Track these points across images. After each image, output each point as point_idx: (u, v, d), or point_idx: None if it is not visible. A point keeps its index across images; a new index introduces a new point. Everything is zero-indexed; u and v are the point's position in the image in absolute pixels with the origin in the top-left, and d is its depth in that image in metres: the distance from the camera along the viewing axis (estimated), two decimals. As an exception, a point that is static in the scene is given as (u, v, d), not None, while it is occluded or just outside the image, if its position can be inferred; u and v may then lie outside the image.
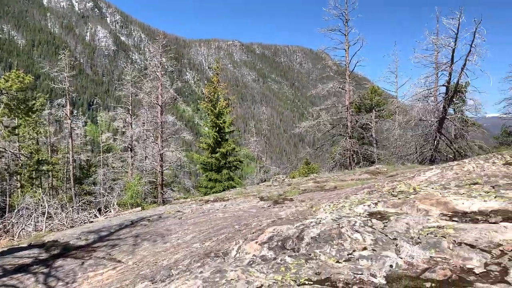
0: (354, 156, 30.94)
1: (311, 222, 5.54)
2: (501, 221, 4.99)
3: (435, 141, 21.16)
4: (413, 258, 4.08)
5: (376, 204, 6.10)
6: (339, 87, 31.55)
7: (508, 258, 3.87)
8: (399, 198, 6.23)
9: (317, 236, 4.89)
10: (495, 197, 5.84)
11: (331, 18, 29.59)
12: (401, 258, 4.08)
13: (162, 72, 33.37)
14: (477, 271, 3.70)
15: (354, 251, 4.41)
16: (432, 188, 6.67)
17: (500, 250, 4.08)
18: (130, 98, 39.35)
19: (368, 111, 37.14)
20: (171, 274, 5.33)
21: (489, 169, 7.62)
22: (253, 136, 56.21)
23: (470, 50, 17.10)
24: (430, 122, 20.73)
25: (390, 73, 38.74)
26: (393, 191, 6.77)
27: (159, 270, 5.96)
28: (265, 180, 37.52)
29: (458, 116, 22.46)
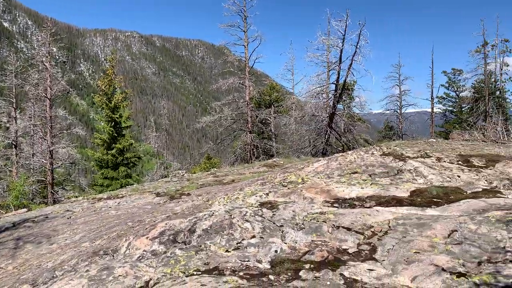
0: (255, 150, 31.82)
1: (205, 215, 5.57)
2: (374, 206, 5.56)
3: (326, 135, 22.79)
4: (296, 242, 4.35)
5: (267, 194, 6.36)
6: (239, 83, 32.11)
7: (378, 238, 4.33)
8: (288, 188, 6.58)
9: (209, 228, 4.94)
10: (371, 184, 6.50)
11: (231, 14, 29.93)
12: (286, 244, 4.32)
13: (51, 63, 30.47)
14: (350, 251, 4.08)
15: (243, 239, 4.54)
16: (318, 178, 7.18)
17: (372, 231, 4.54)
18: (14, 90, 35.30)
19: (268, 106, 38.41)
20: (55, 275, 4.92)
21: (368, 160, 8.45)
22: (153, 131, 54.56)
23: (355, 51, 18.79)
24: (322, 117, 22.28)
25: (287, 71, 40.60)
26: (283, 182, 7.12)
27: (42, 272, 5.47)
28: (165, 176, 36.67)
29: (346, 112, 24.50)
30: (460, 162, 8.36)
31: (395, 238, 4.29)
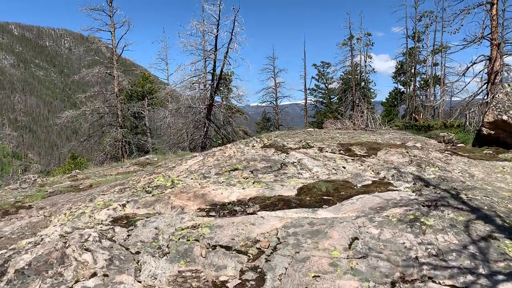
0: (127, 147, 29.27)
1: (29, 243, 3.97)
2: (259, 210, 4.61)
3: (205, 128, 21.78)
4: (156, 278, 3.12)
5: (124, 205, 4.96)
6: (106, 73, 29.09)
7: (265, 258, 3.34)
8: (153, 195, 5.27)
9: (27, 267, 3.39)
10: (253, 183, 5.56)
11: (94, -5, 26.71)
12: (140, 283, 3.05)
13: None
14: (231, 284, 3.01)
15: (77, 281, 3.14)
16: (192, 178, 6.00)
17: (257, 248, 3.55)
18: None
19: (141, 98, 35.84)
20: None
21: (249, 153, 7.58)
22: (9, 129, 47.19)
23: (231, 38, 18.09)
24: (199, 109, 21.18)
25: (161, 60, 38.45)
26: (148, 186, 5.78)
27: None
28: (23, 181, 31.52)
29: (224, 103, 23.81)
30: (342, 152, 8.03)
31: (286, 256, 3.36)
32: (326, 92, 44.05)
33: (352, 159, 7.31)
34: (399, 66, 35.61)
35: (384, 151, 7.77)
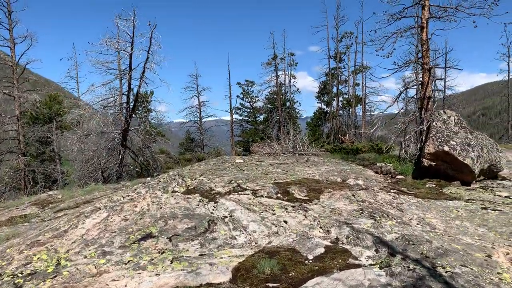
0: (30, 176, 25.89)
1: None
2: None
3: (120, 155, 19.66)
4: None
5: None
6: (4, 93, 25.68)
7: None
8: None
9: None
10: (171, 262, 4.16)
11: (-11, 8, 23.50)
12: None
13: None
14: None
15: None
16: (86, 256, 4.42)
17: None
18: None
19: (48, 121, 32.37)
20: None
21: (167, 205, 6.13)
22: None
23: (147, 57, 16.45)
24: (113, 134, 19.07)
25: (70, 79, 35.24)
26: (21, 273, 4.09)
27: None
28: None
29: (142, 127, 21.90)
30: (280, 195, 6.91)
31: None
32: (252, 111, 43.61)
33: (293, 207, 6.19)
34: (322, 87, 36.24)
35: (327, 194, 6.79)
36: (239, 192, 7.08)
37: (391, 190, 7.56)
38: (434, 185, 8.52)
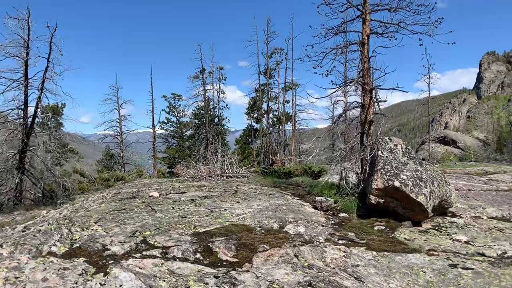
0: None
1: None
2: None
3: (17, 180, 16.55)
4: None
5: None
6: None
7: None
8: None
9: None
10: None
11: None
12: None
13: None
14: None
15: None
16: None
17: None
18: None
19: None
20: None
21: (29, 286, 4.11)
22: None
23: (47, 65, 13.84)
24: (6, 155, 16.01)
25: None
26: None
27: None
28: None
29: (49, 144, 18.91)
30: (199, 256, 5.16)
31: None
32: (179, 125, 41.24)
33: (216, 277, 4.45)
34: (252, 103, 35.05)
35: (262, 255, 5.14)
36: (144, 253, 5.21)
37: (340, 241, 6.11)
38: (384, 227, 7.27)
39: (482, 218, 8.21)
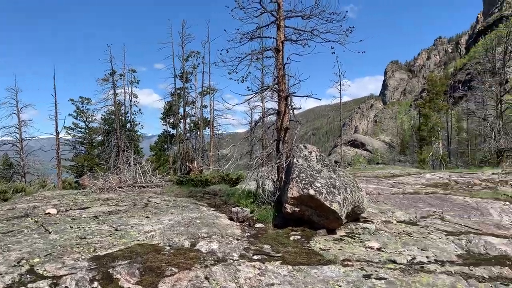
0: None
1: None
2: None
3: None
4: None
5: None
6: None
7: None
8: None
9: None
10: None
11: None
12: None
13: None
14: None
15: None
16: None
17: None
18: None
19: None
20: None
21: None
22: None
23: None
24: None
25: None
26: None
27: None
28: None
29: None
30: (97, 286, 4.52)
31: None
32: (87, 131, 38.63)
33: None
34: (167, 107, 33.89)
35: (169, 282, 4.64)
36: (29, 285, 4.43)
37: (255, 256, 5.81)
38: (299, 237, 7.15)
39: (392, 223, 8.50)
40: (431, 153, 38.77)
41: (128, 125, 32.64)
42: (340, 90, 36.81)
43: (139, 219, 8.06)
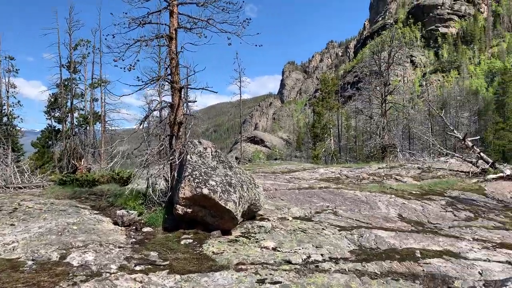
0: None
1: None
2: None
3: None
4: None
5: None
6: None
7: None
8: None
9: None
10: None
11: None
12: None
13: None
14: None
15: None
16: None
17: None
18: None
19: None
20: None
21: None
22: None
23: None
24: None
25: None
26: None
27: None
28: None
29: None
30: None
31: None
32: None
33: None
34: (52, 100, 30.56)
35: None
36: None
37: (137, 267, 5.09)
38: (191, 240, 6.58)
39: (288, 219, 8.35)
40: (324, 149, 40.87)
41: (5, 119, 28.70)
42: (240, 87, 36.91)
43: (1, 228, 6.77)
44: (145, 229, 7.27)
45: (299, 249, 6.37)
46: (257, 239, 6.84)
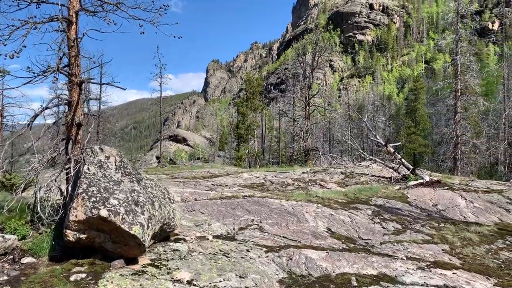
0: None
1: None
2: None
3: None
4: None
5: None
6: None
7: None
8: None
9: None
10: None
11: None
12: None
13: None
14: None
15: None
16: None
17: None
18: None
19: None
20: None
21: None
22: None
23: None
24: None
25: None
26: None
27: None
28: None
29: None
30: None
31: None
32: None
33: None
34: None
35: None
36: None
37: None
38: (85, 275, 5.21)
39: (208, 239, 7.27)
40: (247, 150, 40.30)
41: None
42: (160, 83, 34.94)
43: None
44: (26, 260, 5.72)
45: (220, 280, 5.33)
46: (170, 268, 5.66)
